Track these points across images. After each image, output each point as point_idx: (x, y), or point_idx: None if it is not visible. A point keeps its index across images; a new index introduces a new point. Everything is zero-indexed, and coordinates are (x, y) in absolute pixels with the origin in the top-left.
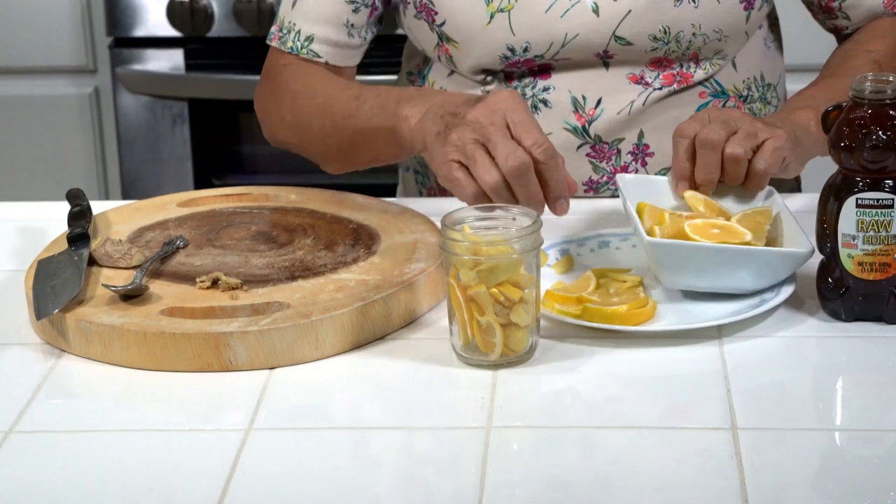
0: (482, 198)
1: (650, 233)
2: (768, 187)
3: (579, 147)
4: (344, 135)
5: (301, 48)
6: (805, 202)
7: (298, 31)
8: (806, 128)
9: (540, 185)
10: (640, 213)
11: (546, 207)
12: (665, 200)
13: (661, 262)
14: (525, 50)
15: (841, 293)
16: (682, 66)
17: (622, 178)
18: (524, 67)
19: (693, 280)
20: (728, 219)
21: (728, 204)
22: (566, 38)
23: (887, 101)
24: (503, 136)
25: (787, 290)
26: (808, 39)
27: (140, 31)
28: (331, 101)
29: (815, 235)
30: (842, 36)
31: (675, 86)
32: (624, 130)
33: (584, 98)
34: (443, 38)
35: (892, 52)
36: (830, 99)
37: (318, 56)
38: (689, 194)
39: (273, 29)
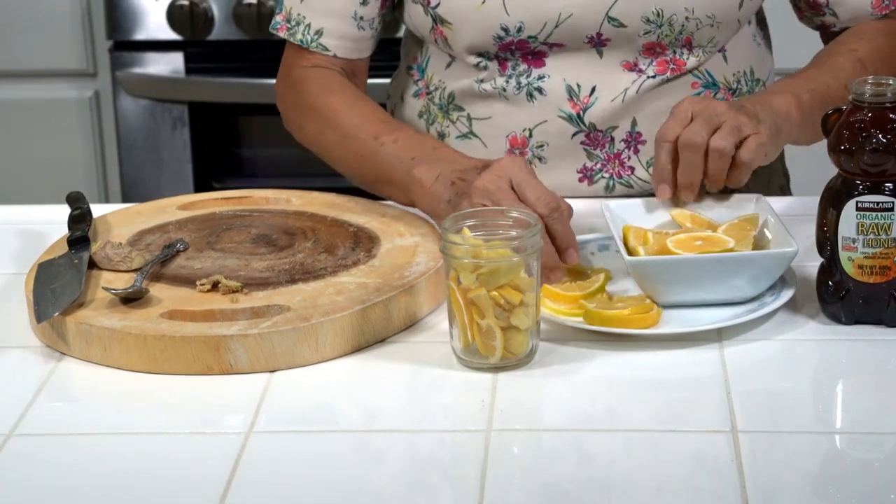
0: None
1: (634, 253)
2: (756, 194)
3: (574, 135)
4: (360, 171)
5: (311, 42)
6: (796, 205)
7: (308, 25)
8: (787, 114)
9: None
10: (625, 235)
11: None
12: (651, 221)
13: (644, 280)
14: (519, 30)
15: (841, 296)
16: (675, 52)
17: (607, 206)
18: (518, 52)
19: (681, 294)
20: (715, 230)
21: (715, 216)
22: (560, 18)
23: (887, 105)
24: (511, 199)
25: (786, 294)
26: (796, 44)
27: (140, 35)
28: (352, 136)
29: (815, 239)
30: (828, 34)
31: (668, 73)
32: (617, 118)
33: (578, 86)
34: (437, 21)
35: (875, 53)
36: (810, 88)
37: (327, 50)
38: (676, 212)
39: (278, 18)
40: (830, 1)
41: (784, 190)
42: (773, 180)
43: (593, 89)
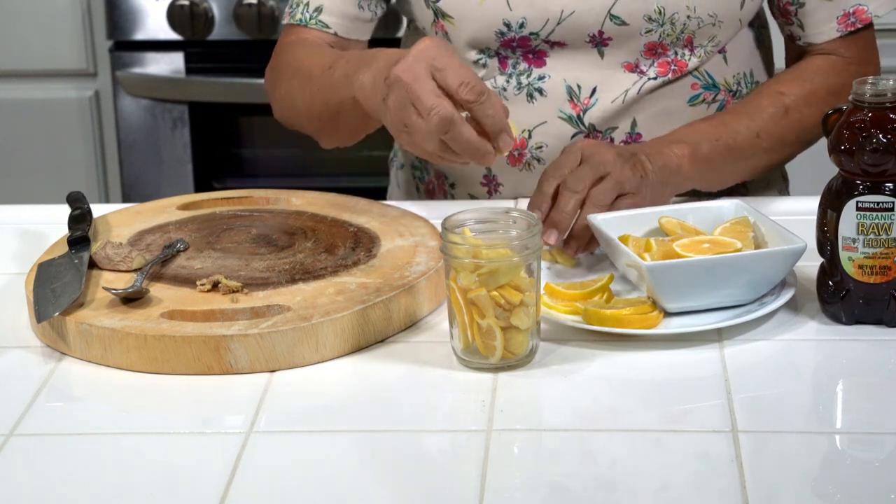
0: (442, 153)
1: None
2: (735, 200)
3: (574, 136)
4: (322, 108)
5: (310, 19)
6: (795, 206)
7: (307, 4)
8: (677, 167)
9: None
10: (624, 244)
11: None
12: (639, 231)
13: (664, 286)
14: (521, 26)
15: (841, 296)
16: (676, 53)
17: (594, 218)
18: (519, 50)
19: (699, 298)
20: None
21: (700, 224)
22: (562, 15)
23: (887, 105)
24: (424, 90)
25: (787, 294)
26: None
27: (140, 35)
28: (310, 74)
29: (816, 239)
30: (795, 47)
31: (669, 75)
32: (617, 119)
33: (578, 87)
34: (438, 14)
35: (804, 99)
36: (715, 138)
37: (328, 27)
38: (665, 220)
39: (286, 10)
40: (799, 11)
41: (782, 191)
42: (771, 182)
43: (594, 90)
